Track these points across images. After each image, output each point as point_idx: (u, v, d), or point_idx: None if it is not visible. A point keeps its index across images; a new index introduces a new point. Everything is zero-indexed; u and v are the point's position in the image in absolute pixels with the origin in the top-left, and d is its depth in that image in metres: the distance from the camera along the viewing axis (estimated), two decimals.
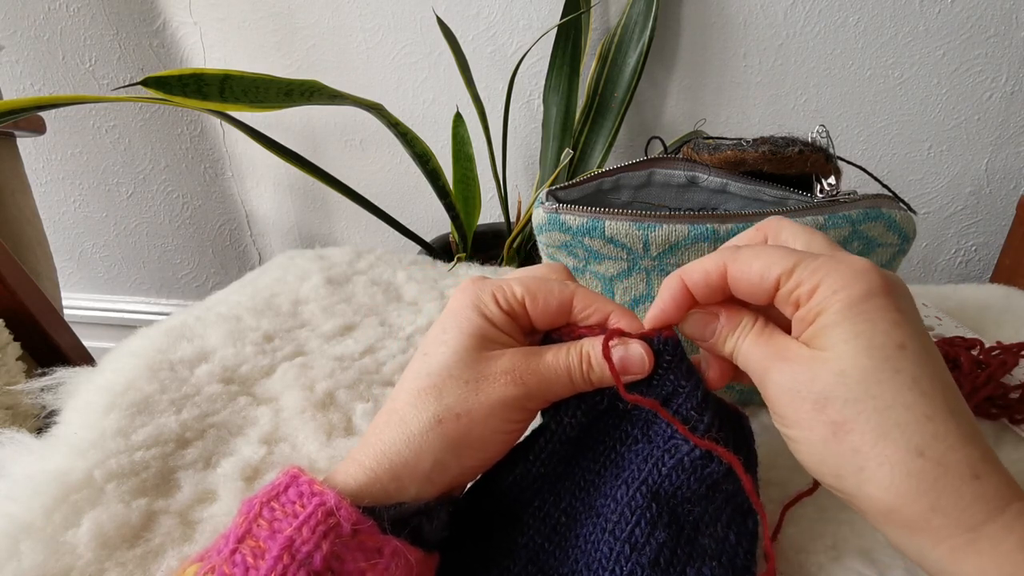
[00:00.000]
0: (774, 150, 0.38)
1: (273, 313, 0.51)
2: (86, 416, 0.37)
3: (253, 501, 0.22)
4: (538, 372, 0.25)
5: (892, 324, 0.20)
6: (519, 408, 0.25)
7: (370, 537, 0.21)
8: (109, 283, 1.32)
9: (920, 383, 0.20)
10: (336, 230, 1.20)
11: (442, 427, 0.24)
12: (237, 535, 0.21)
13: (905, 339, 0.20)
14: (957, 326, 0.49)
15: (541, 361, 0.26)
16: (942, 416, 0.19)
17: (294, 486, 0.22)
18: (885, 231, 0.39)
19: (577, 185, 0.40)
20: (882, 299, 0.21)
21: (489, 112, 0.87)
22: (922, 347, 0.20)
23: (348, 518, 0.21)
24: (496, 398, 0.25)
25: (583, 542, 0.26)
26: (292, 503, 0.21)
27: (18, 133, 0.76)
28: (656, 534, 0.24)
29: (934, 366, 0.20)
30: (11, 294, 0.56)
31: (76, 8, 1.02)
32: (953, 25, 0.84)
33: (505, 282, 0.27)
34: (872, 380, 0.20)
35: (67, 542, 0.29)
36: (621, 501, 0.25)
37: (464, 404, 0.24)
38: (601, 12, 0.93)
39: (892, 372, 0.20)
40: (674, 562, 0.24)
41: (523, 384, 0.25)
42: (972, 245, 0.99)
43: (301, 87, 0.58)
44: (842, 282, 0.21)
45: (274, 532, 0.21)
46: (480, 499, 0.28)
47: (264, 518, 0.21)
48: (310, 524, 0.20)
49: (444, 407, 0.24)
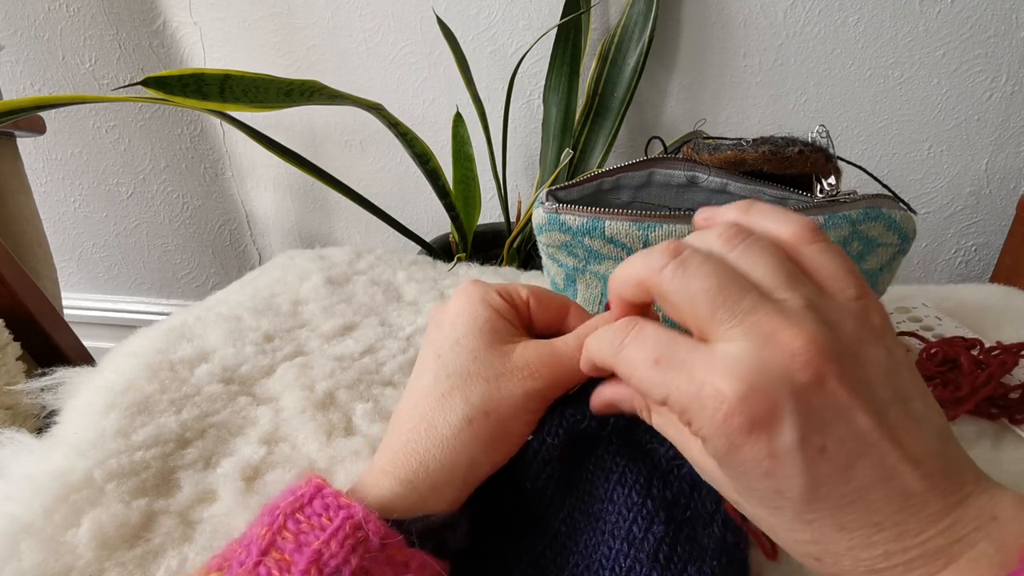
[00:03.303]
0: (774, 150, 0.38)
1: (273, 313, 0.51)
2: (86, 416, 0.37)
3: (276, 512, 0.21)
4: (552, 363, 0.26)
5: (764, 475, 0.18)
6: (541, 399, 0.26)
7: (398, 551, 0.21)
8: (109, 283, 1.32)
9: (802, 516, 0.18)
10: (336, 230, 1.20)
11: (473, 427, 0.24)
12: (260, 547, 0.20)
13: (781, 486, 0.18)
14: (957, 326, 0.49)
15: (553, 351, 0.26)
16: (832, 536, 0.18)
17: (319, 498, 0.22)
18: (885, 231, 0.39)
19: (577, 185, 0.40)
20: (749, 450, 0.18)
21: (489, 112, 0.87)
22: (803, 486, 0.18)
23: (377, 532, 0.21)
24: (519, 392, 0.25)
25: (583, 547, 0.26)
26: (319, 515, 0.21)
27: (18, 133, 0.76)
28: (653, 528, 0.25)
29: (820, 493, 0.18)
30: (11, 294, 0.56)
31: (76, 8, 1.02)
32: (953, 25, 0.84)
33: (509, 283, 0.28)
34: (759, 507, 0.20)
35: (67, 542, 0.29)
36: (617, 502, 0.26)
37: (491, 402, 0.25)
38: (601, 12, 0.93)
39: (773, 509, 0.19)
40: (675, 559, 0.24)
41: (541, 376, 0.26)
42: (972, 245, 0.99)
43: (301, 87, 0.58)
44: (706, 431, 0.18)
45: (300, 545, 0.20)
46: (477, 508, 0.28)
47: (289, 530, 0.21)
48: (338, 538, 0.20)
49: (472, 407, 0.25)
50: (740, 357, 0.18)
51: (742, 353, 0.18)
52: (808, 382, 0.18)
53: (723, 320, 0.19)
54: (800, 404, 0.18)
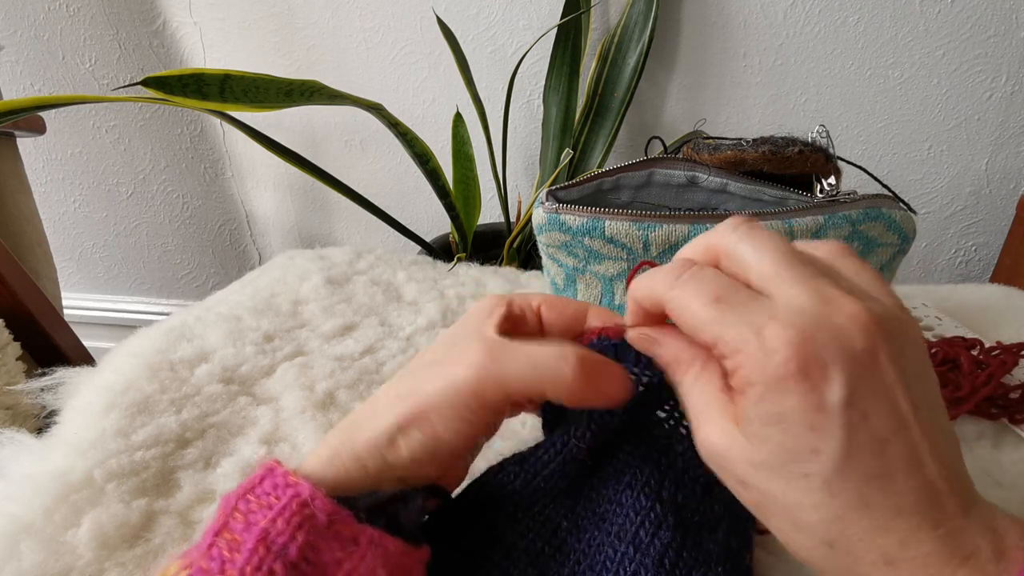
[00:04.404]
0: (774, 150, 0.38)
1: (273, 313, 0.51)
2: (86, 416, 0.37)
3: (230, 495, 0.22)
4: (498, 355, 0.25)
5: (807, 428, 0.18)
6: (472, 394, 0.25)
7: (346, 527, 0.21)
8: (109, 283, 1.32)
9: (831, 484, 0.19)
10: (336, 230, 1.20)
11: (415, 379, 0.25)
12: (214, 529, 0.21)
13: (820, 443, 0.18)
14: (957, 326, 0.49)
15: (528, 351, 0.25)
16: (853, 515, 0.19)
17: (269, 477, 0.22)
18: (885, 231, 0.39)
19: (577, 185, 0.40)
20: (798, 398, 0.18)
21: (489, 112, 0.87)
22: (840, 448, 0.18)
23: (323, 508, 0.21)
24: (459, 376, 0.24)
25: (586, 546, 0.26)
26: (267, 495, 0.21)
27: (18, 133, 0.76)
28: (661, 534, 0.24)
29: (853, 461, 0.18)
30: (11, 294, 0.56)
31: (76, 8, 1.02)
32: (953, 25, 0.84)
33: (519, 295, 0.28)
34: (780, 479, 0.19)
35: (67, 542, 0.29)
36: (625, 504, 0.25)
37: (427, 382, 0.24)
38: (601, 12, 0.93)
39: (800, 476, 0.19)
40: (680, 564, 0.24)
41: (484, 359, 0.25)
42: (972, 245, 0.99)
43: (301, 87, 0.58)
44: (756, 374, 0.19)
45: (249, 524, 0.20)
46: (479, 501, 0.28)
47: (240, 511, 0.21)
48: (285, 516, 0.20)
49: (419, 364, 0.25)
50: (802, 309, 0.19)
51: (804, 306, 0.19)
52: (864, 348, 0.18)
53: (786, 279, 0.20)
54: (853, 367, 0.18)
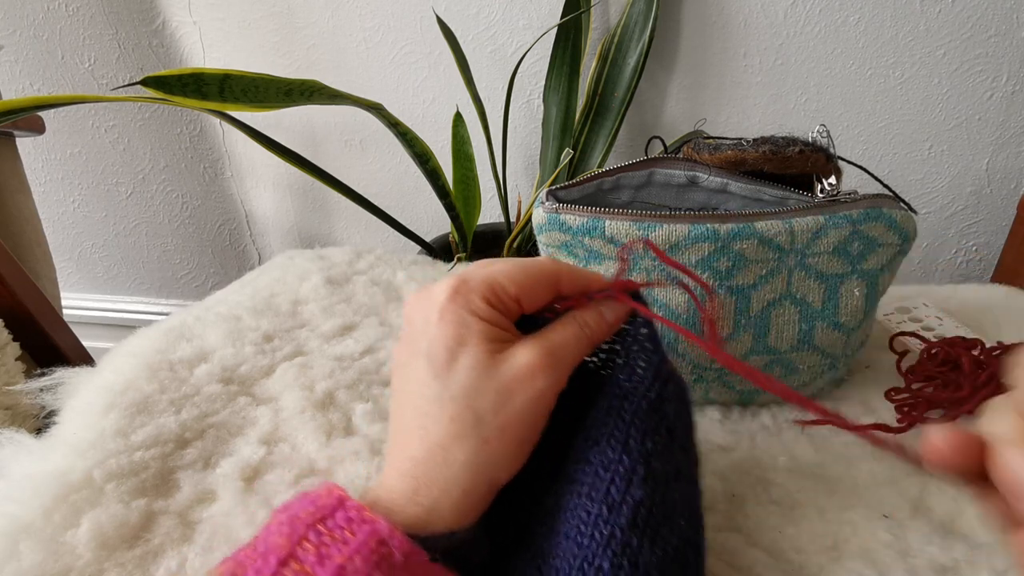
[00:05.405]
0: (774, 150, 0.38)
1: (273, 313, 0.51)
2: (85, 416, 0.37)
3: (296, 522, 0.21)
4: (552, 357, 0.25)
5: None
6: (552, 395, 0.25)
7: (420, 568, 0.21)
8: (109, 283, 1.32)
9: None
10: (336, 230, 1.20)
11: (490, 447, 0.24)
12: (280, 557, 0.20)
13: None
14: (958, 326, 0.49)
15: (551, 345, 0.26)
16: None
17: (342, 510, 0.21)
18: (886, 231, 0.39)
19: (577, 185, 0.40)
20: None
21: (489, 112, 0.87)
22: None
23: (401, 548, 0.21)
24: (529, 398, 0.25)
25: (563, 512, 0.25)
26: (341, 528, 0.21)
27: (17, 133, 0.76)
28: (632, 491, 0.24)
29: None
30: (10, 294, 0.56)
31: (75, 8, 1.02)
32: (954, 25, 0.84)
33: (495, 281, 0.26)
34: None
35: (67, 542, 0.29)
36: (594, 462, 0.25)
37: (504, 416, 0.24)
38: (601, 12, 0.93)
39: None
40: (651, 522, 0.24)
41: (546, 375, 0.25)
42: (973, 245, 0.99)
43: (301, 87, 0.58)
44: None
45: (322, 558, 0.20)
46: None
47: (311, 542, 0.20)
48: (363, 553, 0.20)
49: (486, 426, 0.24)
50: None
51: None
52: None
53: None
54: None
